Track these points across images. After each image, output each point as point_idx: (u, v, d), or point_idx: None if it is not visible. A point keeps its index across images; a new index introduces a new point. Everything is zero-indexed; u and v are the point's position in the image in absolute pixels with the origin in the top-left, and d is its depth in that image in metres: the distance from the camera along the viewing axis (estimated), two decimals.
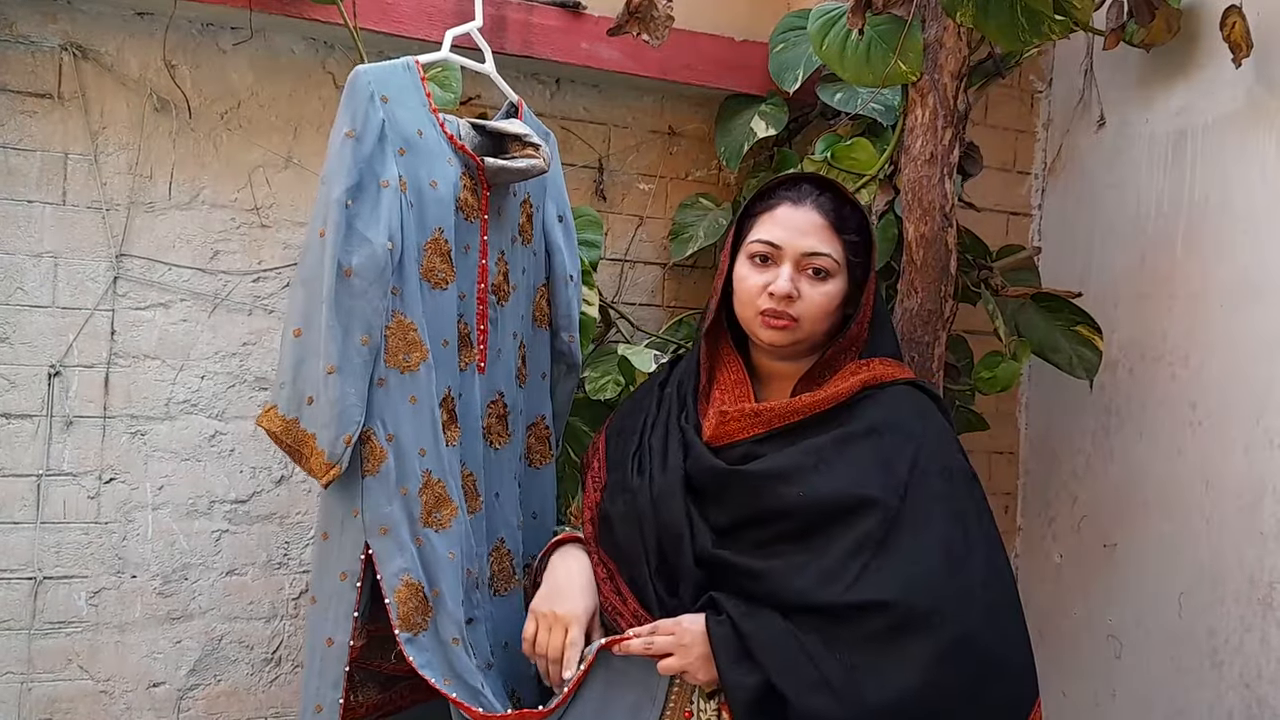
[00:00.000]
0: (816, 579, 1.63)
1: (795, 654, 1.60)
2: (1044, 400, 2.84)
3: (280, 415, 1.78)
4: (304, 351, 1.77)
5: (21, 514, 2.11)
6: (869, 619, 1.60)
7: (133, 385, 2.17)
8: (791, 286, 1.74)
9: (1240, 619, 2.28)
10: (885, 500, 1.65)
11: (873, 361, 1.79)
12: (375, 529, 1.76)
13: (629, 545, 1.77)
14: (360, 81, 1.81)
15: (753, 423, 1.77)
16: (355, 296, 1.75)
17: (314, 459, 1.75)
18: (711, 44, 2.50)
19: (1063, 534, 2.76)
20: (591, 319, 2.28)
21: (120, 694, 2.17)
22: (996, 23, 1.99)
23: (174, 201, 2.20)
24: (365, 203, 1.78)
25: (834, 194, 1.81)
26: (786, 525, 1.68)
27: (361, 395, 1.76)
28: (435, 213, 1.87)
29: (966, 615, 1.60)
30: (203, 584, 2.23)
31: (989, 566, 1.67)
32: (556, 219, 2.17)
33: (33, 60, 2.10)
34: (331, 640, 1.78)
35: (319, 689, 1.79)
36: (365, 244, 1.76)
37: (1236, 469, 2.30)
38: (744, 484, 1.72)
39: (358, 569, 1.76)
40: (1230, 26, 2.18)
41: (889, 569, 1.61)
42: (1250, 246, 2.30)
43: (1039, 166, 2.89)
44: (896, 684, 1.56)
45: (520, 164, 1.96)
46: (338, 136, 1.79)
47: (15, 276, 2.10)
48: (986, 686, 1.60)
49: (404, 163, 1.83)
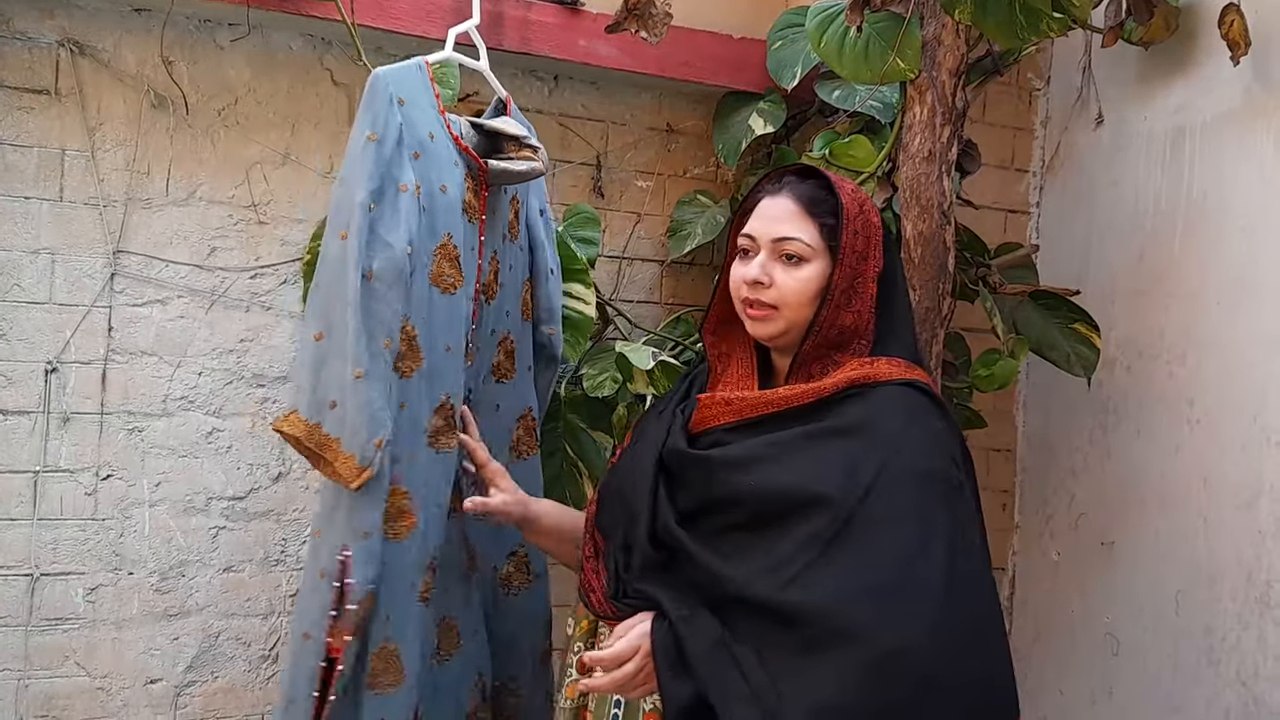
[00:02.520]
0: (757, 571, 1.60)
1: (727, 665, 1.57)
2: (1042, 398, 2.84)
3: (303, 420, 1.77)
4: (325, 355, 1.76)
5: (18, 510, 2.10)
6: (801, 625, 1.55)
7: (130, 382, 2.17)
8: (760, 272, 1.72)
9: (1237, 617, 2.28)
10: (840, 500, 1.59)
11: (878, 360, 1.73)
12: (359, 532, 1.77)
13: (610, 523, 1.80)
14: (380, 84, 1.81)
15: (724, 411, 1.75)
16: (378, 300, 1.75)
17: (340, 463, 1.74)
18: (710, 41, 2.50)
19: (1060, 532, 2.76)
20: (589, 316, 2.28)
21: (117, 690, 2.17)
22: (995, 20, 1.98)
23: (171, 198, 2.20)
24: (386, 206, 1.78)
25: (815, 181, 1.78)
26: (737, 514, 1.66)
27: (386, 398, 1.76)
28: (445, 218, 1.88)
29: (906, 628, 1.51)
30: (200, 580, 2.23)
31: (949, 578, 1.56)
32: (538, 213, 2.17)
33: (30, 56, 2.10)
34: (308, 635, 1.78)
35: (294, 683, 1.80)
36: (387, 248, 1.76)
37: (1234, 467, 2.30)
38: (700, 469, 1.72)
39: (335, 569, 1.76)
40: (1228, 24, 2.18)
41: (831, 573, 1.56)
42: (1248, 244, 2.30)
43: (1037, 164, 2.89)
44: (816, 697, 1.50)
45: (521, 166, 1.96)
46: (359, 139, 1.78)
47: (12, 273, 2.09)
48: (924, 705, 1.50)
49: (418, 167, 1.83)
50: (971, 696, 1.54)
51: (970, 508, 1.69)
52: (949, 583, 1.56)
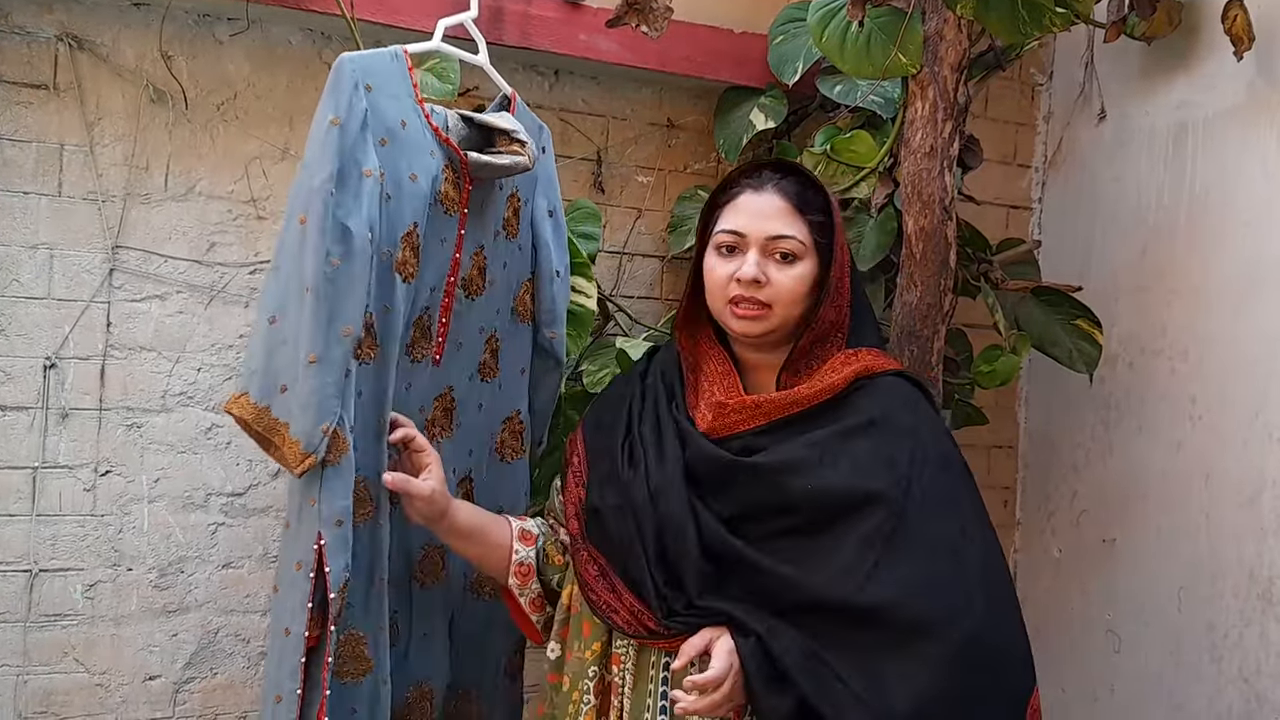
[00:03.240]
0: (827, 576, 1.63)
1: (825, 673, 1.60)
2: (1043, 394, 2.83)
3: (252, 402, 1.76)
4: (278, 339, 1.76)
5: (17, 506, 2.10)
6: (880, 623, 1.60)
7: (129, 377, 2.17)
8: (758, 271, 1.73)
9: (1239, 614, 2.28)
10: (891, 495, 1.65)
11: (861, 352, 1.78)
12: (331, 520, 1.75)
13: (623, 538, 1.75)
14: (345, 69, 1.80)
15: (753, 415, 1.75)
16: (337, 285, 1.74)
17: (287, 448, 1.74)
18: (711, 36, 2.49)
19: (1062, 528, 2.75)
20: (590, 312, 2.28)
21: (116, 687, 2.17)
22: (997, 15, 1.98)
23: (170, 193, 2.19)
24: (348, 191, 1.76)
25: (796, 177, 1.80)
26: (792, 519, 1.67)
27: (339, 386, 1.74)
28: (412, 206, 1.85)
29: (973, 613, 1.61)
30: (199, 577, 2.22)
31: (987, 559, 1.69)
32: (546, 213, 2.15)
33: (28, 51, 2.09)
34: (289, 630, 1.77)
35: (278, 679, 1.78)
36: (347, 234, 1.74)
37: (1236, 463, 2.30)
38: (751, 476, 1.71)
39: (311, 559, 1.75)
40: (1232, 19, 2.18)
41: (897, 569, 1.61)
42: (1251, 240, 2.29)
43: (1039, 160, 2.89)
44: (913, 692, 1.57)
45: (504, 160, 1.95)
46: (322, 123, 1.77)
47: (10, 268, 2.09)
48: (997, 680, 1.63)
49: (384, 154, 1.82)
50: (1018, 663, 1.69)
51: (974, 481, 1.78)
52: (985, 562, 1.68)
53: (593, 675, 1.78)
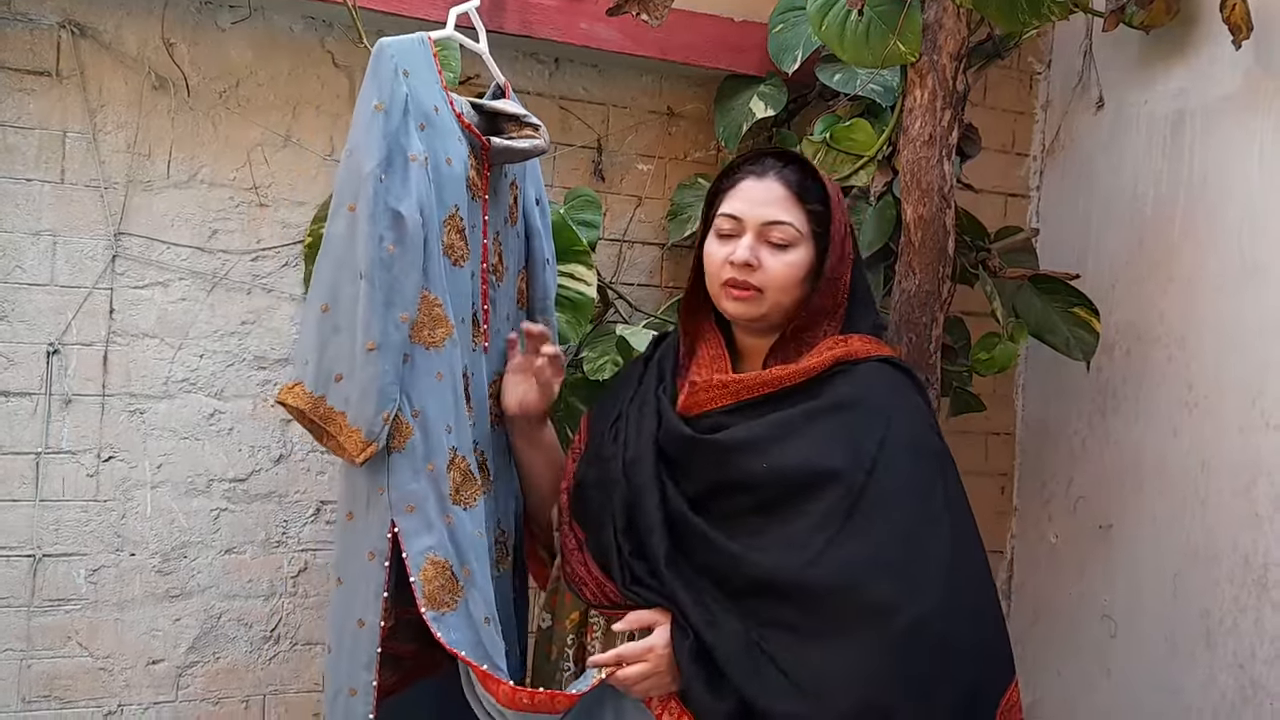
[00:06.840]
0: (779, 553, 1.63)
1: (763, 664, 1.60)
2: (1041, 382, 2.84)
3: (307, 392, 1.75)
4: (331, 327, 1.74)
5: (20, 491, 2.11)
6: (827, 603, 1.60)
7: (131, 364, 2.18)
8: (750, 254, 1.74)
9: (1234, 600, 2.29)
10: (849, 473, 1.64)
11: (851, 338, 1.78)
12: (401, 506, 1.73)
13: (598, 509, 1.78)
14: (385, 54, 1.78)
15: (721, 393, 1.76)
16: (392, 272, 1.72)
17: (344, 436, 1.73)
18: (711, 24, 2.49)
19: (1059, 515, 2.77)
20: (589, 299, 2.28)
21: (119, 671, 2.18)
22: (996, 4, 1.99)
23: (172, 180, 2.20)
24: (395, 176, 1.75)
25: (798, 166, 1.81)
26: (751, 497, 1.69)
27: (398, 372, 1.73)
28: (451, 189, 1.85)
29: (923, 599, 1.58)
30: (201, 562, 2.24)
31: (953, 547, 1.65)
32: (534, 202, 2.15)
33: (31, 38, 2.10)
34: (363, 622, 1.75)
35: (350, 671, 1.76)
36: (399, 218, 1.73)
37: (1232, 450, 2.31)
38: (709, 453, 1.73)
39: (385, 548, 1.73)
40: (1231, 8, 2.18)
41: (850, 549, 1.61)
42: (1247, 229, 2.30)
43: (1037, 148, 2.90)
44: (853, 674, 1.56)
45: (523, 144, 1.96)
46: (366, 109, 1.76)
47: (14, 255, 2.10)
48: (948, 670, 1.59)
49: (424, 138, 1.81)
50: (979, 656, 1.65)
51: (956, 472, 1.76)
52: (951, 551, 1.64)
53: (571, 643, 1.85)
